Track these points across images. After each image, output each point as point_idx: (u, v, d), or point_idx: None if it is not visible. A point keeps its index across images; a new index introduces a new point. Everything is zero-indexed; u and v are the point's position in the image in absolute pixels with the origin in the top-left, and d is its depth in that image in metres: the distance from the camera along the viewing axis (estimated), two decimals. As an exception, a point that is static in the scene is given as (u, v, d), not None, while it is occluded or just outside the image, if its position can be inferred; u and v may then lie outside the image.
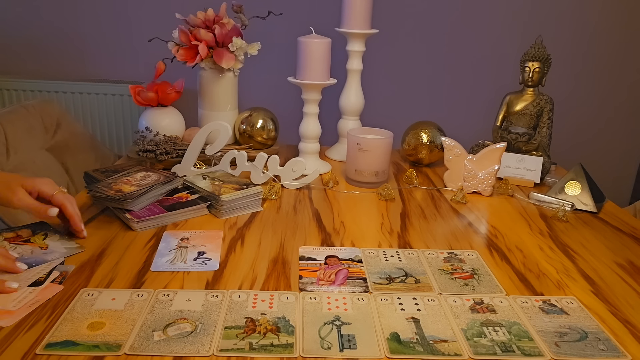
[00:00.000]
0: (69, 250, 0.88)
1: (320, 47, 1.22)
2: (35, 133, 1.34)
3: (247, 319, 0.71)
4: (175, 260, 0.86)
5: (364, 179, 1.25)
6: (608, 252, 0.97)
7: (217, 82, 1.35)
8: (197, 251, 0.90)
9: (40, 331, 0.67)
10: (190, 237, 0.95)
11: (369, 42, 1.41)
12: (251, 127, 1.36)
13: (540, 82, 1.34)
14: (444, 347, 0.67)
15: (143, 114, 1.34)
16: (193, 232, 0.98)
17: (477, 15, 1.96)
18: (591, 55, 2.01)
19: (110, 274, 0.82)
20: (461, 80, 2.04)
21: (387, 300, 0.77)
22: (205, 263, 0.86)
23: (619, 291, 0.83)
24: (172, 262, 0.86)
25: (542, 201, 1.19)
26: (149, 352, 0.64)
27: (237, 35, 1.32)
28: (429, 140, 1.37)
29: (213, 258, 0.88)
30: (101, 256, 0.87)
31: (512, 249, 0.96)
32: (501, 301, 0.78)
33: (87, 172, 1.14)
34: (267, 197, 1.14)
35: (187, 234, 0.97)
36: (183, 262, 0.86)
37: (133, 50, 2.01)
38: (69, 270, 0.82)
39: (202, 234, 0.97)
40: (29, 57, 2.03)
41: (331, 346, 0.66)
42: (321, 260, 0.89)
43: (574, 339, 0.70)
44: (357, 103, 1.43)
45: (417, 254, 0.93)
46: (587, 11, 1.96)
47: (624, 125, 2.10)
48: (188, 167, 1.18)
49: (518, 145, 1.36)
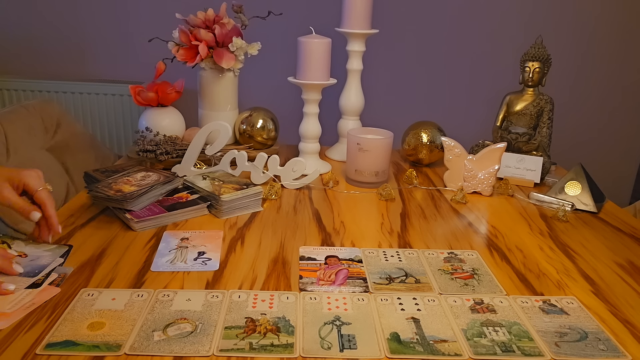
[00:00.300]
0: (53, 252, 0.86)
1: (320, 47, 1.22)
2: (35, 133, 1.34)
3: (247, 319, 0.71)
4: (175, 260, 0.86)
5: (364, 179, 1.25)
6: (608, 252, 0.97)
7: (217, 82, 1.35)
8: (198, 251, 0.90)
9: (41, 331, 0.67)
10: (190, 237, 0.95)
11: (369, 42, 1.41)
12: (251, 127, 1.36)
13: (540, 82, 1.34)
14: (444, 347, 0.67)
15: (143, 114, 1.34)
16: (193, 232, 0.98)
17: (477, 15, 1.96)
18: (591, 55, 2.01)
19: (110, 274, 0.82)
20: (461, 80, 2.04)
21: (387, 300, 0.77)
22: (205, 263, 0.86)
23: (619, 291, 0.83)
24: (172, 262, 0.86)
25: (542, 201, 1.19)
26: (149, 352, 0.64)
27: (237, 35, 1.32)
28: (429, 140, 1.37)
29: (213, 258, 0.88)
30: (101, 256, 0.87)
31: (512, 249, 0.96)
32: (501, 301, 0.78)
33: (87, 172, 1.14)
34: (267, 197, 1.14)
35: (187, 234, 0.97)
36: (183, 262, 0.86)
37: (133, 50, 2.01)
38: (68, 272, 0.81)
39: (202, 234, 0.97)
40: (29, 57, 2.03)
41: (331, 346, 0.66)
42: (321, 260, 0.89)
43: (574, 339, 0.70)
44: (357, 103, 1.43)
45: (417, 254, 0.93)
46: (587, 11, 1.96)
47: (624, 125, 2.11)
48: (188, 167, 1.18)
49: (518, 145, 1.36)
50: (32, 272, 0.80)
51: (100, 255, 0.87)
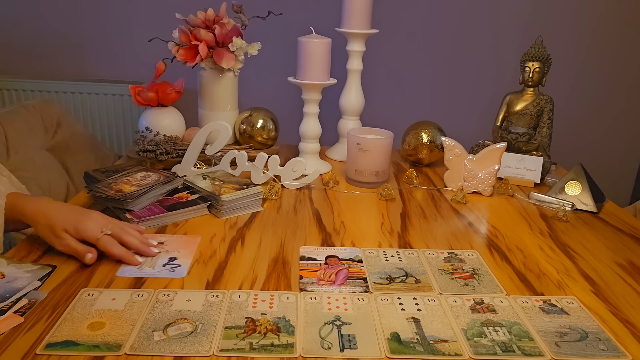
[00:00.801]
0: (34, 273, 0.80)
1: (320, 47, 1.22)
2: (35, 133, 1.34)
3: (248, 319, 0.71)
4: (143, 266, 0.84)
5: (364, 179, 1.25)
6: (608, 252, 0.97)
7: (217, 82, 1.35)
8: (169, 257, 0.87)
9: (41, 331, 0.67)
10: (166, 242, 0.93)
11: (369, 42, 1.41)
12: (251, 127, 1.36)
13: (540, 82, 1.34)
14: (444, 347, 0.67)
15: (143, 114, 1.34)
16: (171, 236, 0.95)
17: (478, 15, 1.96)
18: (591, 56, 2.01)
19: (110, 274, 0.82)
20: (461, 80, 2.04)
21: (388, 300, 0.77)
22: (173, 270, 0.83)
23: (619, 291, 0.83)
24: (140, 268, 0.84)
25: (543, 201, 1.19)
26: (149, 352, 0.64)
27: (237, 35, 1.32)
28: (429, 140, 1.37)
29: (183, 264, 0.85)
30: (101, 256, 0.87)
31: (512, 249, 0.96)
32: (501, 301, 0.78)
33: (87, 172, 1.14)
34: (267, 197, 1.14)
35: (164, 238, 0.94)
36: (151, 268, 0.83)
37: (133, 50, 2.01)
38: (40, 299, 0.74)
39: (180, 239, 0.94)
40: (29, 57, 2.03)
41: (331, 346, 0.66)
42: (321, 260, 0.89)
43: (575, 339, 0.70)
44: (357, 103, 1.43)
45: (417, 254, 0.92)
46: (587, 11, 1.96)
47: (624, 125, 2.11)
48: (188, 167, 1.18)
49: (518, 145, 1.36)
50: (3, 295, 0.74)
51: (101, 255, 0.87)
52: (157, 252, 0.88)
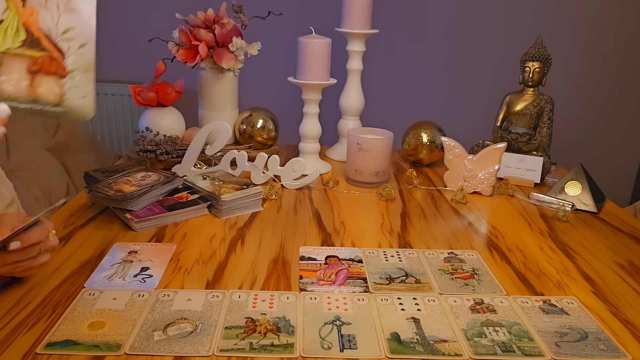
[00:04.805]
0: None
1: (320, 47, 1.22)
2: (35, 133, 1.34)
3: (248, 319, 0.71)
4: (113, 276, 0.81)
5: (364, 179, 1.25)
6: (608, 252, 0.97)
7: (217, 82, 1.35)
8: (141, 267, 0.84)
9: (41, 331, 0.67)
10: (139, 251, 0.89)
11: (369, 42, 1.41)
12: (251, 127, 1.36)
13: (540, 82, 1.34)
14: (444, 347, 0.67)
15: (143, 114, 1.34)
16: (145, 245, 0.92)
17: (478, 15, 1.96)
18: (591, 55, 2.01)
19: (110, 274, 0.82)
20: (461, 80, 2.04)
21: (388, 300, 0.77)
22: (144, 280, 0.80)
23: (619, 291, 0.83)
24: (110, 278, 0.80)
25: (543, 201, 1.19)
26: (149, 352, 0.64)
27: (237, 35, 1.32)
28: (429, 140, 1.37)
29: (154, 275, 0.82)
30: (101, 256, 0.87)
31: (512, 249, 0.96)
32: (501, 301, 0.78)
33: (87, 172, 1.14)
34: (267, 197, 1.14)
35: (138, 246, 0.91)
36: (121, 279, 0.80)
37: (133, 50, 2.00)
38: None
39: (154, 248, 0.91)
40: (29, 57, 2.03)
41: (331, 346, 0.66)
42: (321, 260, 0.89)
43: (574, 339, 0.70)
44: (357, 103, 1.43)
45: (417, 254, 0.93)
46: (587, 11, 1.96)
47: (624, 125, 2.10)
48: (188, 167, 1.18)
49: (518, 145, 1.36)
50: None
51: (101, 255, 0.87)
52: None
